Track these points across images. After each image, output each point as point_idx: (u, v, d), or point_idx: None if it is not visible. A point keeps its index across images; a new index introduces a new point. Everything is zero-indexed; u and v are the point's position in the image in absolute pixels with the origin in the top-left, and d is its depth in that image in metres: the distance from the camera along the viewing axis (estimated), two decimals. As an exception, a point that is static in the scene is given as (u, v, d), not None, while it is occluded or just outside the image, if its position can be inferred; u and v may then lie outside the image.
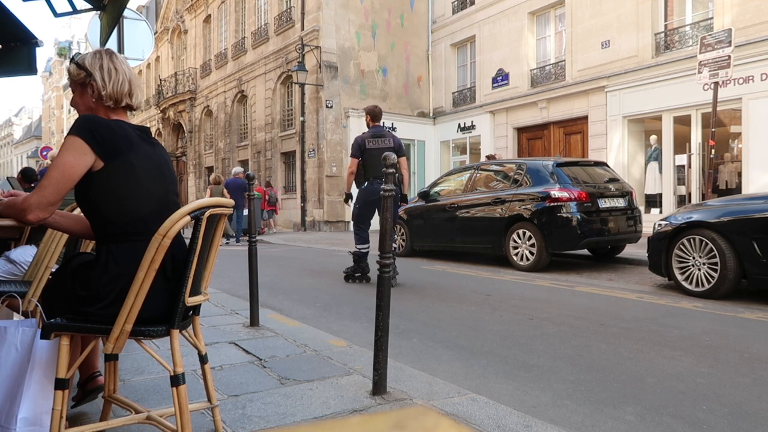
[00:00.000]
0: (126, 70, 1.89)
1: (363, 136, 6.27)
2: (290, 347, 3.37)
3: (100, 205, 1.79)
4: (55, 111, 59.93)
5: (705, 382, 2.88)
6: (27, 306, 2.17)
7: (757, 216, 4.84)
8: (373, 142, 6.18)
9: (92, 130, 1.74)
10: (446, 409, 2.37)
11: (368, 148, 6.14)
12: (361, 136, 6.30)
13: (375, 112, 6.50)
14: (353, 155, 6.23)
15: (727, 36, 8.36)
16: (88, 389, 2.28)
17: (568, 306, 4.94)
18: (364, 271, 6.43)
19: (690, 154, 11.94)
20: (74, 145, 1.72)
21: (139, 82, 1.98)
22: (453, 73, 18.78)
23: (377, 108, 6.56)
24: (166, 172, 1.93)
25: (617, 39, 13.19)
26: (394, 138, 6.38)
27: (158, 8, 30.77)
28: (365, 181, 6.21)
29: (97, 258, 1.79)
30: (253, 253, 4.07)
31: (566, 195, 7.09)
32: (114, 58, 1.89)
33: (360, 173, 6.26)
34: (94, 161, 1.74)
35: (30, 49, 4.29)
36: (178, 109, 26.87)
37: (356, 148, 6.21)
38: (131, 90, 1.90)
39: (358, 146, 6.21)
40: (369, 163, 6.10)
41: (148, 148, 1.88)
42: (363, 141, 6.20)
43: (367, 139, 6.20)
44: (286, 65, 18.63)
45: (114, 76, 1.86)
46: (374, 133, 6.27)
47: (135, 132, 1.87)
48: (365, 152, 6.15)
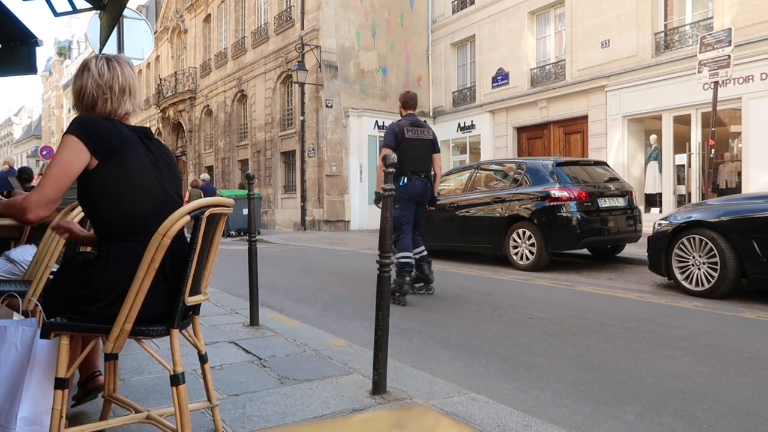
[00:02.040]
0: (119, 79, 1.89)
1: (400, 125, 5.40)
2: (290, 347, 3.37)
3: (98, 205, 1.80)
4: (55, 110, 59.90)
5: (705, 382, 2.88)
6: (27, 305, 2.17)
7: (756, 215, 4.84)
8: (412, 132, 5.38)
9: (87, 129, 1.76)
10: (446, 408, 2.37)
11: (407, 138, 5.32)
12: (397, 125, 5.43)
13: (409, 98, 5.67)
14: (387, 146, 5.30)
15: (727, 35, 8.36)
16: (89, 388, 2.28)
17: (568, 305, 4.94)
18: (399, 287, 5.10)
19: (690, 154, 11.94)
20: (70, 143, 1.74)
21: (135, 83, 1.96)
22: (453, 73, 18.77)
23: (409, 93, 5.75)
24: (165, 172, 1.93)
25: (617, 38, 13.19)
26: (431, 129, 5.69)
27: (158, 8, 30.75)
28: (401, 176, 5.32)
29: (98, 257, 1.80)
30: (252, 253, 4.07)
31: (566, 194, 7.09)
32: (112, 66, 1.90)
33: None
34: (90, 159, 1.76)
35: (30, 48, 4.29)
36: (178, 109, 26.86)
37: (391, 138, 5.31)
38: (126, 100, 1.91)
39: (394, 136, 5.31)
40: (407, 155, 5.26)
41: (146, 147, 1.88)
42: (401, 130, 5.34)
43: (406, 128, 5.37)
44: (286, 65, 18.62)
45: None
46: (412, 122, 5.46)
47: (133, 132, 1.87)
48: (402, 143, 5.30)
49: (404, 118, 5.52)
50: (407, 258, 5.25)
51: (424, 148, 5.44)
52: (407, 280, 5.18)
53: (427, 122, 5.88)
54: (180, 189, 2.04)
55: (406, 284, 5.15)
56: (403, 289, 5.12)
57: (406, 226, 5.36)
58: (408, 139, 5.32)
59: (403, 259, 5.23)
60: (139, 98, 1.98)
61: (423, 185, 5.41)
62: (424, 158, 5.46)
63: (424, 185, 5.42)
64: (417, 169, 5.36)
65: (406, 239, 5.33)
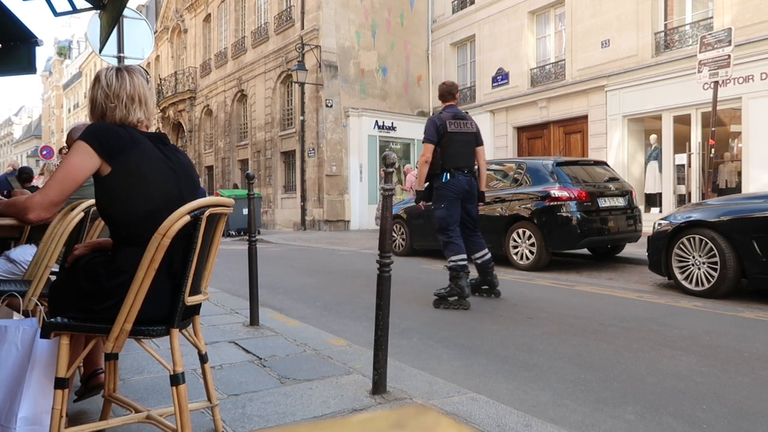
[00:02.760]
0: (128, 90, 1.90)
1: (442, 117, 5.06)
2: (290, 346, 3.37)
3: (113, 209, 1.82)
4: (55, 110, 59.89)
5: (705, 382, 2.88)
6: (27, 305, 2.17)
7: (756, 215, 4.84)
8: (455, 125, 5.02)
9: (98, 136, 1.78)
10: (446, 408, 2.37)
11: (450, 131, 4.98)
12: (439, 117, 5.10)
13: (447, 88, 5.27)
14: (429, 140, 4.97)
15: (727, 35, 8.36)
16: (91, 385, 2.28)
17: (568, 305, 4.94)
18: (461, 292, 4.86)
19: (690, 154, 11.94)
20: (80, 149, 1.76)
21: (145, 92, 1.94)
22: (453, 73, 18.76)
23: (447, 83, 5.35)
24: (183, 178, 1.92)
25: (617, 38, 13.18)
26: (474, 120, 5.32)
27: (158, 7, 30.74)
28: (444, 173, 5.00)
29: (111, 259, 1.81)
30: (252, 253, 4.07)
31: (566, 194, 7.09)
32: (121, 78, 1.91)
33: (435, 164, 5.01)
34: (101, 165, 1.77)
35: (30, 48, 4.29)
36: (178, 109, 26.86)
37: (433, 132, 4.97)
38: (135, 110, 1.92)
39: (436, 129, 4.98)
40: (450, 150, 4.97)
41: (162, 153, 1.88)
42: (443, 123, 5.00)
43: (448, 120, 5.01)
44: (286, 64, 18.62)
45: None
46: (455, 114, 5.11)
47: (146, 138, 1.87)
48: (445, 137, 4.97)
49: (445, 110, 5.16)
50: (462, 260, 4.91)
51: (467, 141, 5.12)
52: (467, 282, 4.88)
53: (468, 114, 5.48)
54: (197, 195, 1.94)
55: (466, 287, 4.86)
56: (465, 292, 4.85)
57: (454, 226, 5.03)
58: (451, 132, 4.98)
59: (460, 262, 4.89)
60: (152, 107, 1.95)
61: (467, 180, 5.06)
62: (468, 152, 5.13)
63: (469, 180, 5.07)
64: (460, 165, 5.01)
65: (457, 241, 5.00)
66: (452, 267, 4.91)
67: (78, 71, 51.57)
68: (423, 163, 5.03)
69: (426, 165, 5.00)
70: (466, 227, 5.18)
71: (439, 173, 5.00)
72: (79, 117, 48.93)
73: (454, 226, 5.03)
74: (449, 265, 4.96)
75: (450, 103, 5.22)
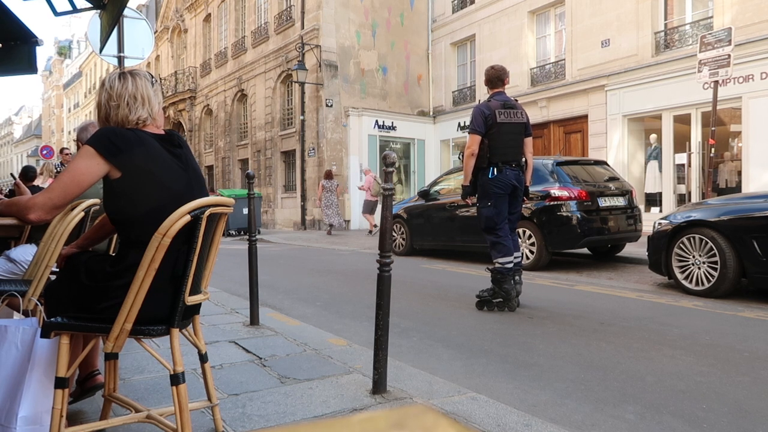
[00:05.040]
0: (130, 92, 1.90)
1: (491, 106, 4.63)
2: (290, 346, 3.37)
3: (123, 212, 1.82)
4: (55, 110, 59.87)
5: (705, 381, 2.88)
6: (27, 305, 2.17)
7: (756, 215, 4.84)
8: (504, 115, 4.59)
9: (105, 142, 1.78)
10: (446, 408, 2.37)
11: (499, 122, 4.57)
12: (487, 105, 4.64)
13: (498, 72, 4.81)
14: (476, 131, 4.58)
15: (727, 35, 8.35)
16: (86, 387, 2.28)
17: (568, 305, 4.94)
18: (507, 295, 4.59)
19: (690, 153, 11.93)
20: (87, 154, 1.76)
21: (148, 93, 1.93)
22: (453, 72, 18.76)
23: (495, 67, 4.87)
24: (192, 179, 1.93)
25: (617, 38, 13.18)
26: (523, 109, 4.87)
27: (158, 7, 30.74)
28: (491, 167, 4.61)
29: (120, 259, 1.80)
30: (253, 252, 4.07)
31: (566, 194, 7.09)
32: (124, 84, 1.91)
33: (482, 157, 4.61)
34: (109, 170, 1.77)
35: (30, 47, 4.28)
36: (178, 108, 26.86)
37: (481, 122, 4.57)
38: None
39: (484, 119, 4.57)
40: (499, 143, 4.58)
41: (173, 155, 1.89)
42: (492, 112, 4.57)
43: (498, 110, 4.59)
44: (286, 64, 18.62)
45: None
46: (504, 102, 4.67)
47: (154, 138, 1.87)
48: (493, 128, 4.56)
49: (494, 98, 4.72)
50: (509, 263, 4.60)
51: (516, 133, 4.70)
52: (512, 285, 4.61)
53: (518, 101, 4.97)
54: (206, 194, 1.95)
55: (512, 290, 4.61)
56: (510, 295, 4.60)
57: (503, 224, 4.66)
58: (500, 123, 4.57)
59: (507, 265, 4.60)
60: (156, 107, 1.95)
61: (515, 175, 4.67)
62: (516, 145, 4.71)
63: (517, 175, 4.69)
64: (509, 159, 4.62)
65: (506, 241, 4.64)
66: (498, 270, 4.62)
67: (78, 71, 51.56)
68: (469, 156, 4.65)
69: (472, 158, 4.62)
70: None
71: (486, 167, 4.62)
72: (79, 117, 48.93)
73: (503, 224, 4.66)
74: (495, 267, 4.65)
75: (498, 90, 4.79)
